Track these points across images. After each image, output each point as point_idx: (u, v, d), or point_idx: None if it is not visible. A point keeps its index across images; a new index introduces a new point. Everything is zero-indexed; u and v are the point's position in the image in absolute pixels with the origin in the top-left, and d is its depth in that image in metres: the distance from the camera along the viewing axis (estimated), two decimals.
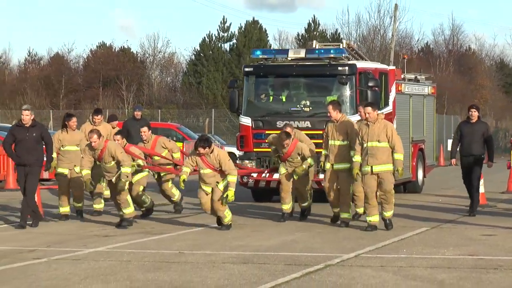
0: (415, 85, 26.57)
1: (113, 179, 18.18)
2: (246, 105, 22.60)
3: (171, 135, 40.66)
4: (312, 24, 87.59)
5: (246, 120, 22.35)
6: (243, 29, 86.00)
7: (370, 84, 21.11)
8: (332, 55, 22.04)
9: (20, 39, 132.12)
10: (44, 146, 18.33)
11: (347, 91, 21.65)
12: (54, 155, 18.99)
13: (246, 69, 22.89)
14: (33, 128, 17.95)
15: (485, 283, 12.12)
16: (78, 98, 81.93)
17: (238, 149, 23.61)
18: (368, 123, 16.94)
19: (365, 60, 24.76)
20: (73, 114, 21.82)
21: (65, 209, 19.98)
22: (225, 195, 17.22)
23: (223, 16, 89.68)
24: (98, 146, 17.78)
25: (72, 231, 17.66)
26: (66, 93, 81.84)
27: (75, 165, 19.46)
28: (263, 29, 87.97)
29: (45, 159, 18.48)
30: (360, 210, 18.24)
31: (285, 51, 23.28)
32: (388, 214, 17.67)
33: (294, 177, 18.61)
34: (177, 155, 21.00)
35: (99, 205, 20.78)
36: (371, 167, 17.00)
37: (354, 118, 19.23)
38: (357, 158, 17.07)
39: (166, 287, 11.81)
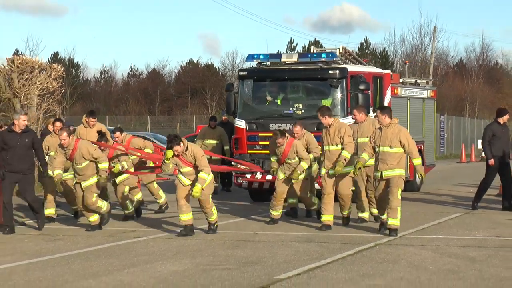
0: (414, 88, 24.09)
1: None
2: (241, 108, 20.12)
3: None
4: (364, 44, 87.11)
5: (240, 123, 19.87)
6: (306, 49, 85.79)
7: (361, 87, 18.88)
8: (323, 59, 19.88)
9: (123, 57, 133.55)
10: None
11: (338, 94, 19.31)
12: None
13: (241, 73, 20.63)
14: (25, 134, 14.89)
15: (510, 260, 11.99)
16: (170, 105, 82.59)
17: (233, 150, 20.54)
18: (382, 127, 14.32)
19: (361, 64, 22.31)
20: (60, 119, 18.85)
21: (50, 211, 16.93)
22: (189, 192, 14.36)
23: (291, 38, 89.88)
24: (68, 145, 14.99)
25: (164, 216, 17.49)
26: (161, 101, 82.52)
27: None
28: (323, 48, 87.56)
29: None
30: (365, 215, 16.01)
31: (278, 56, 20.84)
32: (394, 222, 14.38)
33: (292, 181, 16.03)
34: (150, 150, 18.08)
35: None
36: (381, 172, 14.19)
37: (346, 121, 17.48)
38: (364, 155, 14.43)
39: (243, 261, 11.84)
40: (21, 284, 10.41)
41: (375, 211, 15.62)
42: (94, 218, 15.40)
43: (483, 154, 57.43)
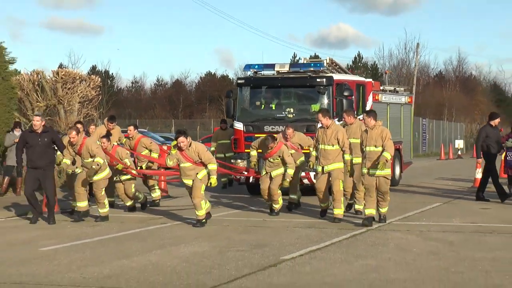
0: (393, 95, 23.50)
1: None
2: (239, 112, 19.54)
3: None
4: (358, 58, 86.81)
5: (238, 125, 19.33)
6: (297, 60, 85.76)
7: (345, 93, 18.34)
8: (312, 69, 19.45)
9: (151, 69, 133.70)
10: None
11: (325, 100, 18.74)
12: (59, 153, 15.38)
13: (239, 81, 20.13)
14: (45, 133, 14.54)
15: (483, 243, 12.03)
16: (191, 111, 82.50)
17: (232, 150, 19.94)
18: (367, 129, 13.82)
19: (346, 73, 21.44)
20: (80, 121, 18.58)
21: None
22: (208, 184, 13.96)
23: (294, 52, 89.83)
24: (76, 142, 14.62)
25: (187, 203, 17.38)
26: (183, 107, 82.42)
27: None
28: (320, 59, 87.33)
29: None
30: (360, 207, 15.13)
31: (272, 66, 19.82)
32: (384, 210, 14.16)
33: (284, 184, 15.38)
34: (155, 155, 17.69)
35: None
36: (368, 169, 13.69)
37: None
38: (347, 157, 14.21)
39: (253, 244, 11.87)
40: (64, 263, 10.44)
41: (359, 206, 15.16)
42: (104, 210, 15.04)
43: (460, 153, 57.40)
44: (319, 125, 14.85)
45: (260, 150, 15.78)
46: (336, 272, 9.80)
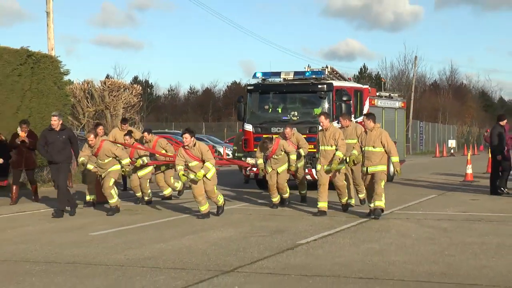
0: (388, 100, 22.81)
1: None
2: (248, 115, 18.95)
3: None
4: (363, 69, 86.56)
5: (248, 127, 18.74)
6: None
7: (344, 98, 17.80)
8: (314, 76, 18.76)
9: (185, 79, 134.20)
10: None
11: (325, 104, 18.13)
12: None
13: (249, 88, 19.41)
14: (62, 131, 13.89)
15: (473, 230, 11.93)
16: (219, 115, 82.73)
17: (242, 149, 19.04)
18: (367, 130, 13.12)
19: (345, 80, 20.56)
20: (100, 123, 18.04)
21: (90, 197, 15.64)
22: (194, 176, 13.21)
23: (308, 64, 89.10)
24: (94, 144, 14.12)
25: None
26: (212, 112, 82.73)
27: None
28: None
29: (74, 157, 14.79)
30: (362, 195, 14.72)
31: (278, 73, 19.21)
32: (380, 204, 13.05)
33: (291, 169, 14.92)
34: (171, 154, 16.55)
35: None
36: (367, 168, 13.00)
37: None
38: (354, 151, 13.16)
39: (273, 230, 11.81)
40: (110, 246, 10.49)
41: (361, 195, 14.75)
42: (113, 201, 14.23)
43: (452, 151, 56.98)
44: (320, 127, 14.37)
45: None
46: (345, 254, 9.75)
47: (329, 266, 8.92)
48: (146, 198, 16.03)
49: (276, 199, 15.18)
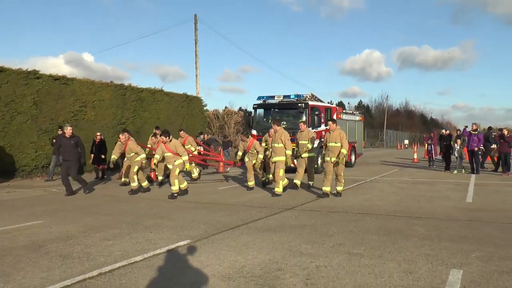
0: (350, 115, 20.29)
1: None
2: (254, 124, 16.83)
3: None
4: (360, 102, 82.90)
5: (254, 132, 16.52)
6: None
7: (316, 113, 16.02)
8: (296, 98, 16.63)
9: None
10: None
11: (304, 117, 15.89)
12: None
13: (254, 106, 17.13)
14: (72, 138, 11.58)
15: (417, 188, 11.69)
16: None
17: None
18: (330, 131, 10.74)
19: (321, 102, 17.82)
20: (127, 130, 12.68)
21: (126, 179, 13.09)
22: (184, 168, 10.95)
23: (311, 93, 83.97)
24: (123, 141, 12.15)
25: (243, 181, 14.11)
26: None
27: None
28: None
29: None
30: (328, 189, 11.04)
31: (273, 97, 17.16)
32: (340, 188, 10.69)
33: (256, 165, 12.14)
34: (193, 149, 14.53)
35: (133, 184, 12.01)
36: (331, 158, 10.52)
37: (312, 130, 14.25)
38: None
39: (282, 200, 10.15)
40: (227, 195, 10.63)
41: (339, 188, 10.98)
42: (134, 184, 11.89)
43: (406, 146, 55.78)
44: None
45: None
46: (350, 200, 9.91)
47: (341, 207, 9.08)
48: (160, 178, 13.28)
49: (252, 183, 12.28)
